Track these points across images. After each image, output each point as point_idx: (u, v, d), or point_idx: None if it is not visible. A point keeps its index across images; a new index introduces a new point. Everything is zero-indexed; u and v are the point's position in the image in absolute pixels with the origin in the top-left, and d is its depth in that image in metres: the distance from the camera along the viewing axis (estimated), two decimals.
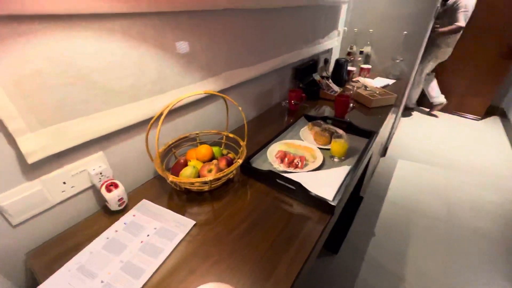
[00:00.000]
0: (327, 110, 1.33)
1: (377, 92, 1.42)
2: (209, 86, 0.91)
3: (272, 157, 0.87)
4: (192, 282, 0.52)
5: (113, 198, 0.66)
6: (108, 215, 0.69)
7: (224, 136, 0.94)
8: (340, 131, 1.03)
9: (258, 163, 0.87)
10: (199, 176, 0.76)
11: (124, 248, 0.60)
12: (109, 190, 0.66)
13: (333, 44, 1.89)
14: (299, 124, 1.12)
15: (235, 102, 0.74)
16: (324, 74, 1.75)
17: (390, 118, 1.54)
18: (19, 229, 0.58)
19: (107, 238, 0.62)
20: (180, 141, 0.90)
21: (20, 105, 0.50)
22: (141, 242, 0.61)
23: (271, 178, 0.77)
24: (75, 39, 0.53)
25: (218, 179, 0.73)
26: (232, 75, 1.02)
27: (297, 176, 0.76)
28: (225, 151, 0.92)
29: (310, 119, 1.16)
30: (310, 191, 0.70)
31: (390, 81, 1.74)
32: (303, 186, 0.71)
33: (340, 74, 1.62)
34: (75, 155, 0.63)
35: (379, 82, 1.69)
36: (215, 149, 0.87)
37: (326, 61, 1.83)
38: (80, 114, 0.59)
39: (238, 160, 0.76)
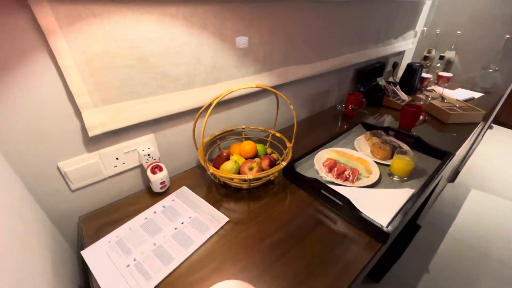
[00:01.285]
0: (390, 120, 1.17)
1: (457, 105, 1.19)
2: (262, 80, 0.87)
3: (319, 165, 0.79)
4: (215, 281, 0.50)
5: (156, 180, 0.68)
6: (150, 195, 0.72)
7: (271, 135, 0.89)
8: (405, 147, 0.88)
9: (303, 168, 0.80)
10: (239, 173, 0.74)
11: (159, 231, 0.61)
12: (154, 172, 0.68)
13: (407, 46, 1.67)
14: (355, 131, 1.01)
15: (287, 99, 0.68)
16: (391, 79, 1.56)
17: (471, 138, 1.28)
18: (76, 194, 0.64)
19: (146, 218, 0.64)
20: (226, 133, 0.88)
21: (88, 82, 0.53)
22: (175, 228, 0.61)
23: (316, 187, 0.69)
24: (140, 23, 0.55)
25: (258, 179, 0.69)
26: (288, 71, 0.96)
27: (346, 190, 0.67)
28: (269, 150, 0.87)
29: (368, 127, 1.03)
30: (360, 211, 0.60)
31: (476, 94, 1.45)
32: (352, 204, 0.61)
33: (411, 80, 1.41)
34: (128, 134, 0.66)
35: (460, 94, 1.42)
36: (260, 146, 0.83)
37: (396, 65, 1.63)
38: (137, 96, 0.62)
39: (282, 163, 0.70)
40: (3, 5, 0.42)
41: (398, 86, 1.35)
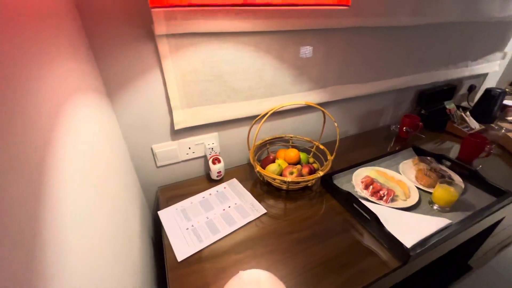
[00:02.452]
0: (449, 149, 1.10)
1: None
2: (314, 97, 0.97)
3: (357, 181, 0.85)
4: (245, 257, 0.63)
5: (215, 169, 0.86)
6: (208, 181, 0.90)
7: (315, 146, 0.98)
8: (457, 178, 0.85)
9: (341, 181, 0.87)
10: (281, 175, 0.85)
11: (211, 209, 0.78)
12: (214, 163, 0.86)
13: (491, 68, 1.49)
14: (403, 154, 1.00)
15: (332, 117, 0.77)
16: (465, 104, 1.44)
17: None
18: (159, 170, 0.87)
19: (203, 197, 0.82)
20: (275, 140, 1.01)
21: (180, 91, 0.74)
22: (223, 210, 0.77)
23: (348, 200, 0.75)
24: (221, 48, 0.73)
25: (297, 183, 0.80)
26: (341, 89, 1.03)
27: (377, 207, 0.72)
28: (311, 160, 0.96)
29: (419, 152, 1.01)
30: (385, 228, 0.65)
31: None
32: (379, 220, 0.66)
33: (488, 108, 1.28)
34: (200, 131, 0.86)
35: None
36: (303, 155, 0.94)
37: (472, 89, 1.48)
38: (211, 103, 0.80)
39: (320, 172, 0.79)
40: (141, 36, 0.65)
41: (468, 113, 1.24)
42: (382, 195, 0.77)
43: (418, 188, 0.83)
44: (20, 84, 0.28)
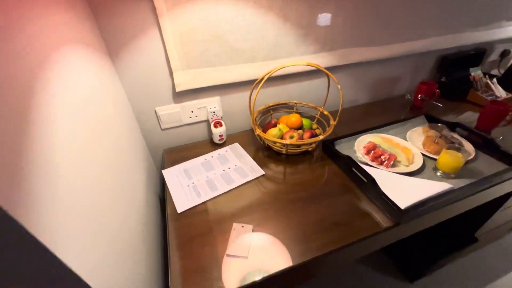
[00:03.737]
0: (467, 118, 1.03)
1: None
2: (320, 60, 0.93)
3: (359, 146, 0.83)
4: (240, 212, 0.66)
5: (216, 133, 0.87)
6: (211, 145, 0.92)
7: (319, 112, 0.96)
8: (469, 146, 0.80)
9: (343, 148, 0.85)
10: (281, 138, 0.85)
11: (212, 169, 0.81)
12: (215, 126, 0.87)
13: None
14: (413, 122, 0.95)
15: (336, 79, 0.73)
16: (495, 72, 1.31)
17: None
18: (164, 132, 0.90)
19: (205, 159, 0.85)
20: (280, 106, 1.00)
21: (179, 51, 0.74)
22: (223, 170, 0.80)
23: (347, 164, 0.75)
24: (219, 6, 0.70)
25: (297, 146, 0.80)
26: (350, 53, 0.97)
27: (376, 172, 0.71)
28: (315, 126, 0.95)
29: (432, 121, 0.95)
30: (381, 189, 0.64)
31: None
32: (376, 183, 0.66)
33: None
34: (202, 94, 0.86)
35: None
36: (306, 121, 0.92)
37: (505, 54, 1.34)
38: (211, 65, 0.80)
39: (320, 136, 0.78)
40: None
41: (495, 80, 1.13)
42: (383, 160, 0.75)
43: (424, 155, 0.79)
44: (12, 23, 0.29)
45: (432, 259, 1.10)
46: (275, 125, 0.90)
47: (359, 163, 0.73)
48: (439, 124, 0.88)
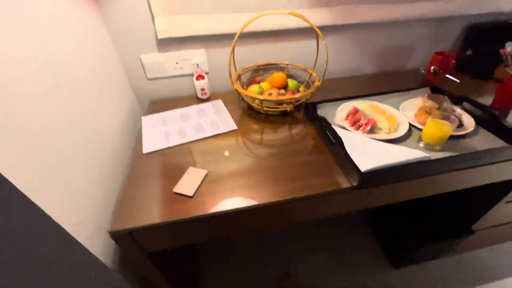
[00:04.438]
0: (486, 98, 0.89)
1: None
2: (316, 16, 0.85)
3: (342, 111, 0.77)
4: (203, 159, 0.66)
5: (198, 86, 0.87)
6: (195, 99, 0.93)
7: (309, 75, 0.90)
8: (469, 121, 0.71)
9: (327, 112, 0.79)
10: None
11: (188, 120, 0.81)
12: (197, 79, 0.87)
13: None
14: (414, 93, 0.86)
15: (321, 34, 0.67)
16: None
17: None
18: (150, 82, 0.92)
19: (185, 111, 0.86)
20: (270, 66, 0.96)
21: None
22: (198, 122, 0.81)
23: (321, 127, 0.71)
24: None
25: (276, 104, 0.77)
26: (352, 11, 0.88)
27: (348, 134, 0.66)
28: (302, 89, 0.90)
29: (437, 92, 0.84)
30: (345, 150, 0.60)
31: None
32: (342, 143, 0.61)
33: None
34: (186, 45, 0.85)
35: None
36: (292, 82, 0.87)
37: None
38: (193, 12, 0.77)
39: (296, 95, 0.74)
40: None
41: None
42: (361, 124, 0.69)
43: (413, 126, 0.72)
44: None
45: (422, 248, 1.03)
46: (258, 83, 0.87)
47: (333, 126, 0.69)
48: (441, 95, 0.78)
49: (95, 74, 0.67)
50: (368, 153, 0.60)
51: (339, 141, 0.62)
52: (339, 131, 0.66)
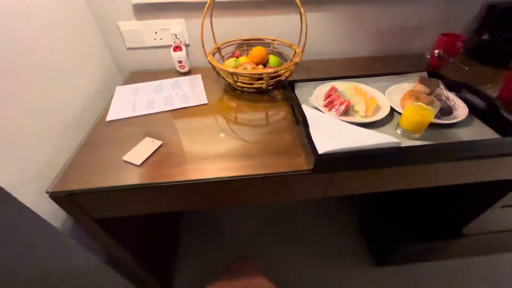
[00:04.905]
0: (495, 85, 0.79)
1: None
2: None
3: (319, 91, 0.71)
4: (161, 130, 0.64)
5: (175, 58, 0.84)
6: (174, 73, 0.89)
7: (294, 52, 0.83)
8: (463, 111, 0.62)
9: (305, 92, 0.73)
10: None
11: (161, 93, 0.79)
12: (174, 50, 0.83)
13: None
14: (407, 77, 0.77)
15: (302, 9, 0.60)
16: None
17: None
18: (129, 52, 0.89)
19: (160, 83, 0.83)
20: (255, 41, 0.90)
21: None
22: (169, 95, 0.78)
23: (291, 106, 0.65)
24: None
25: (251, 83, 0.72)
26: None
27: (317, 115, 0.60)
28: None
29: (435, 77, 0.75)
30: (308, 131, 0.54)
31: None
32: (306, 123, 0.56)
33: None
34: (164, 14, 0.81)
35: None
36: (274, 58, 0.81)
37: None
38: None
39: (270, 69, 0.68)
40: None
41: None
42: (335, 105, 0.63)
43: (398, 112, 0.64)
44: None
45: (407, 247, 0.97)
46: (237, 57, 0.82)
47: (305, 106, 0.63)
48: (434, 79, 0.69)
49: (67, 42, 0.65)
50: (333, 135, 0.54)
51: (303, 121, 0.57)
52: (308, 111, 0.61)
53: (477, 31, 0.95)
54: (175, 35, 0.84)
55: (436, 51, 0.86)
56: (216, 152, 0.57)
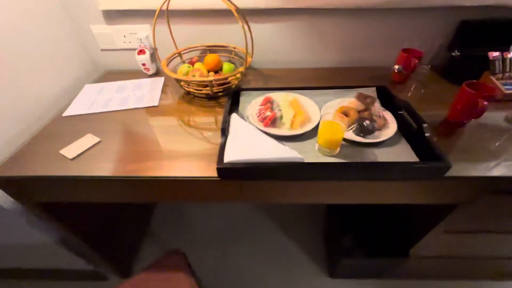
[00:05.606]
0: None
1: None
2: None
3: (256, 101, 0.73)
4: (108, 127, 0.70)
5: (139, 61, 0.90)
6: (141, 74, 0.95)
7: (249, 60, 0.85)
8: (390, 131, 0.61)
9: (249, 100, 0.76)
10: None
11: (121, 92, 0.85)
12: (138, 53, 0.89)
13: None
14: (353, 92, 0.76)
15: (237, 15, 0.63)
16: None
17: None
18: (103, 53, 0.97)
19: (124, 84, 0.90)
20: (218, 47, 0.93)
21: None
22: (128, 95, 0.84)
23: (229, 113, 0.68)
24: None
25: (199, 89, 0.76)
26: None
27: (240, 125, 0.62)
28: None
29: (385, 95, 0.74)
30: (225, 141, 0.58)
31: None
32: (224, 131, 0.59)
33: None
34: (131, 19, 0.88)
35: None
36: (228, 65, 0.85)
37: None
38: None
39: (210, 77, 0.71)
40: None
41: None
42: (264, 117, 0.65)
43: None
44: None
45: (358, 261, 0.96)
46: (193, 64, 0.86)
47: (234, 114, 0.66)
48: (372, 96, 0.68)
49: (42, 42, 0.74)
50: (245, 145, 0.57)
51: (223, 130, 0.60)
52: (235, 120, 0.63)
53: (448, 48, 0.91)
54: (140, 39, 0.89)
55: (396, 67, 0.84)
56: (147, 151, 0.62)
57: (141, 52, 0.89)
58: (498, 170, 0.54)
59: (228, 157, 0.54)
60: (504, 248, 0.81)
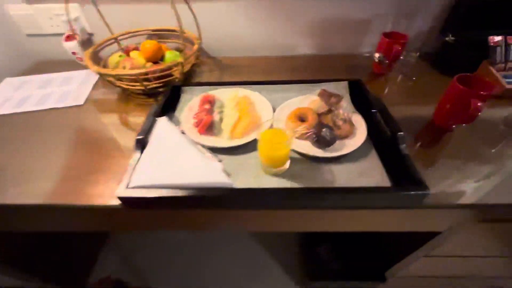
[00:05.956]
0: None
1: None
2: None
3: (196, 100, 0.58)
4: (10, 134, 0.56)
5: (68, 48, 0.74)
6: (75, 66, 0.79)
7: (196, 46, 0.70)
8: (358, 135, 0.48)
9: (188, 99, 0.61)
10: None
11: (44, 88, 0.71)
12: (66, 40, 0.73)
13: None
14: (325, 86, 0.61)
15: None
16: None
17: None
18: (30, 39, 0.81)
19: (51, 78, 0.76)
20: (167, 32, 0.77)
21: None
22: (51, 92, 0.69)
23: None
24: None
25: (132, 84, 0.62)
26: None
27: (165, 134, 0.48)
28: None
29: (357, 90, 0.60)
30: (139, 157, 0.44)
31: None
32: (140, 142, 0.46)
33: None
34: None
35: None
36: (171, 53, 0.69)
37: None
38: None
39: (143, 69, 0.57)
40: None
41: None
42: (199, 121, 0.51)
43: None
44: None
45: (332, 282, 0.85)
46: (128, 53, 0.71)
47: (175, 120, 0.52)
48: (338, 95, 0.54)
49: None
50: (163, 164, 0.43)
51: (137, 140, 0.46)
52: (161, 128, 0.49)
53: (441, 31, 0.75)
54: (69, 22, 0.73)
55: (377, 55, 0.69)
56: (52, 169, 0.48)
57: (69, 38, 0.73)
58: (491, 195, 0.41)
59: (135, 181, 0.40)
60: (491, 268, 0.70)
